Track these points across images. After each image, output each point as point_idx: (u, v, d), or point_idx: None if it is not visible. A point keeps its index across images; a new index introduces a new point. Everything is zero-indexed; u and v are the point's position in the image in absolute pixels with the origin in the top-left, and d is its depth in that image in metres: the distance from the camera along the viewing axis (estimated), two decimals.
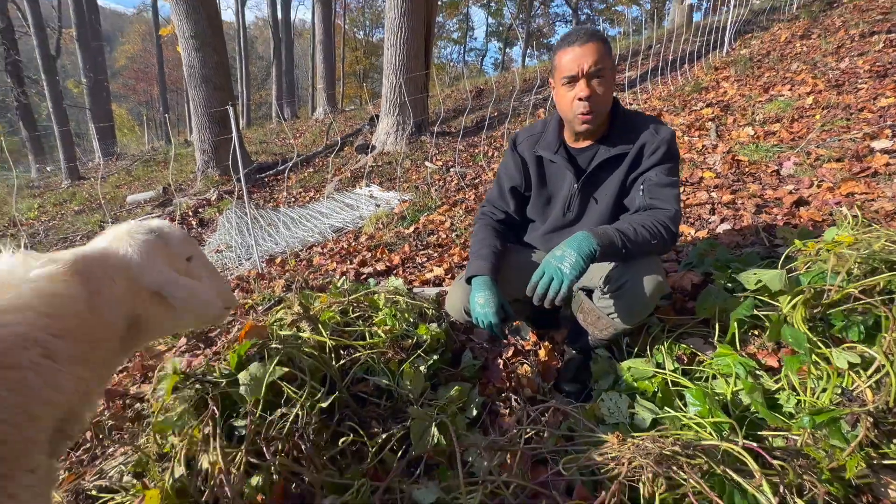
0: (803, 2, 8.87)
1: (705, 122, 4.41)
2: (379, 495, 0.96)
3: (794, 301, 1.19)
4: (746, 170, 3.10)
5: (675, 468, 0.92)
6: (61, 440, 0.78)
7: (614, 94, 1.41)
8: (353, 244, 3.60)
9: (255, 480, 0.98)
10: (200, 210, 5.77)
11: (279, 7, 19.50)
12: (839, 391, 1.03)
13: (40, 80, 14.53)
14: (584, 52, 1.27)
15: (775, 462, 0.92)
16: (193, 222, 5.39)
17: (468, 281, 1.48)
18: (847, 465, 0.91)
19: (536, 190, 1.56)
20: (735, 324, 1.29)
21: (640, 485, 0.92)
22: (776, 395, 1.18)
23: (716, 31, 7.87)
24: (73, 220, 6.72)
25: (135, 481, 1.19)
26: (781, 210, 2.41)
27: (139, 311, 0.88)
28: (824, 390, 1.08)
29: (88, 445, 1.61)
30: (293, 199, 5.76)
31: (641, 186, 1.35)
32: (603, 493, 0.89)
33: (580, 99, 1.31)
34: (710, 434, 1.05)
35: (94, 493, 1.22)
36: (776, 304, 1.29)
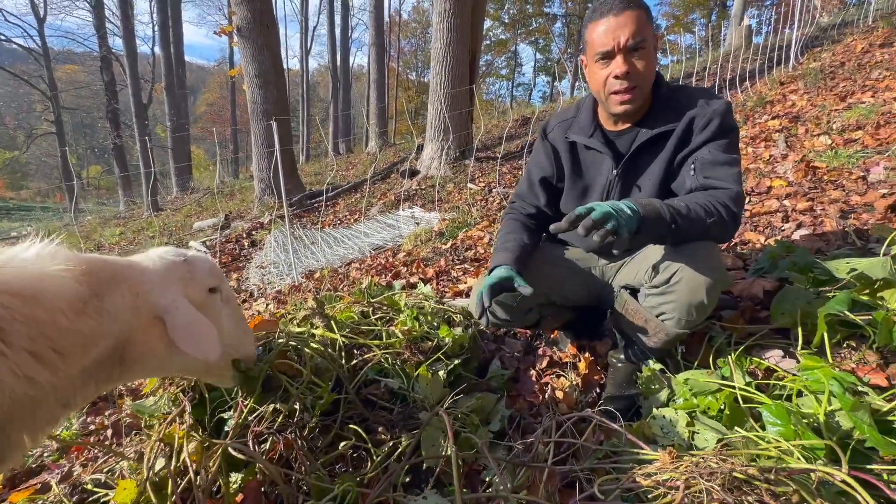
0: (881, 13, 8.20)
1: (771, 133, 4.03)
2: None
3: None
4: (825, 177, 2.73)
5: (750, 498, 0.70)
6: None
7: (657, 69, 1.25)
8: (391, 260, 3.54)
9: (236, 478, 0.86)
10: (254, 232, 6.04)
11: (338, 54, 21.09)
12: None
13: (133, 125, 16.52)
14: (621, 23, 1.11)
15: None
16: (246, 243, 5.64)
17: (490, 274, 1.32)
18: None
19: (570, 180, 1.39)
20: (824, 324, 1.03)
21: None
22: (889, 419, 0.90)
23: (779, 48, 7.40)
24: (143, 244, 7.31)
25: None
26: (873, 216, 2.06)
27: (133, 334, 0.77)
28: None
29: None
30: (338, 221, 5.89)
31: (693, 165, 1.15)
32: None
33: (616, 77, 1.16)
34: (799, 459, 0.80)
35: (90, 487, 1.16)
36: (880, 304, 1.03)
